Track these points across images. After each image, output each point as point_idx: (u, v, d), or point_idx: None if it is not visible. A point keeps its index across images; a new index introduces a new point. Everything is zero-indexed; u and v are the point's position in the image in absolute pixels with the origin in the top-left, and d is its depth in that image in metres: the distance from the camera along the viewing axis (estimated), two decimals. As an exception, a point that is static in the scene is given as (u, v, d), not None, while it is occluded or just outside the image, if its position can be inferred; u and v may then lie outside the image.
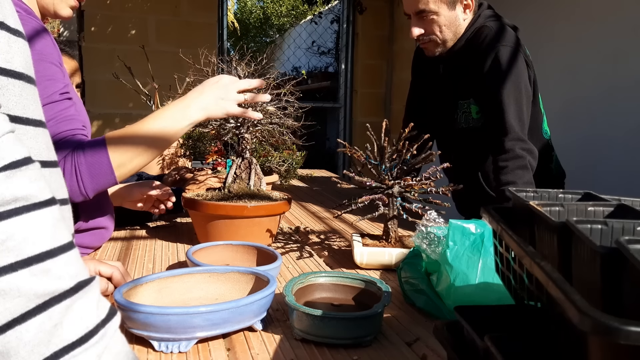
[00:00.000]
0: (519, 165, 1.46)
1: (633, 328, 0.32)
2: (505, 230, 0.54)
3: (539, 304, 0.49)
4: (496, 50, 1.52)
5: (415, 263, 0.98)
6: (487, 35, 1.56)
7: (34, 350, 0.38)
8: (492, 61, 1.52)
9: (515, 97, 1.50)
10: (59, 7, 1.11)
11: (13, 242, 0.39)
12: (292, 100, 1.35)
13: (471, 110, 1.63)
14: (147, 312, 0.71)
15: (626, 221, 0.46)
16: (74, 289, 0.42)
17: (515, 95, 1.50)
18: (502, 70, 1.51)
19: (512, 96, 1.50)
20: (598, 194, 0.58)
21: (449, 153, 1.71)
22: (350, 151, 1.17)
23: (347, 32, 4.66)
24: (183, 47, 2.23)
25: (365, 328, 0.76)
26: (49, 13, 1.12)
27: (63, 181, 0.56)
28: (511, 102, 1.50)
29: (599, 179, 2.41)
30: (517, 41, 1.55)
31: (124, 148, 1.03)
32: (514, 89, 1.50)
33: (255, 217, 1.22)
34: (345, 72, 4.72)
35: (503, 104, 1.49)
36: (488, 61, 1.52)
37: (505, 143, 1.48)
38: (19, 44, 0.47)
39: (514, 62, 1.52)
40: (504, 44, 1.52)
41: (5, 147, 0.40)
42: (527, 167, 1.47)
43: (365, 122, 1.23)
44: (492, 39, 1.54)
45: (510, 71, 1.51)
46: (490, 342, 0.50)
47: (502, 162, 1.47)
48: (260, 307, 0.78)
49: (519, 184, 1.44)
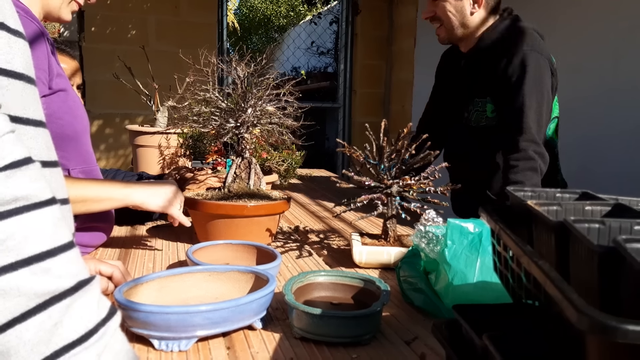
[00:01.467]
0: (529, 167, 1.47)
1: (630, 327, 0.32)
2: (503, 229, 0.54)
3: (537, 302, 0.50)
4: (523, 53, 1.53)
5: (414, 262, 0.99)
6: (514, 39, 1.58)
7: (34, 349, 0.39)
8: (519, 63, 1.53)
9: (538, 101, 1.52)
10: (63, 12, 1.14)
11: (13, 242, 0.39)
12: (291, 100, 1.35)
13: (487, 109, 1.64)
14: (147, 311, 0.71)
15: (623, 220, 0.46)
16: (74, 288, 0.42)
17: (538, 100, 1.52)
18: (528, 73, 1.52)
19: (534, 100, 1.51)
20: (595, 194, 0.58)
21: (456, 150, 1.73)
22: (349, 151, 1.17)
23: (346, 32, 4.66)
24: (183, 47, 2.23)
25: (364, 327, 0.77)
26: (52, 18, 1.14)
27: (63, 181, 0.56)
28: (532, 105, 1.51)
29: (597, 179, 2.41)
30: (544, 48, 1.57)
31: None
32: (537, 93, 1.52)
33: (254, 216, 1.23)
34: (344, 72, 4.72)
35: (524, 105, 1.51)
36: (514, 63, 1.54)
37: (520, 143, 1.49)
38: (19, 45, 0.47)
39: (540, 67, 1.54)
40: (532, 49, 1.54)
41: (5, 147, 0.40)
42: (537, 169, 1.48)
43: (364, 122, 1.23)
44: (520, 42, 1.56)
45: (536, 76, 1.53)
46: (489, 340, 0.50)
47: (514, 161, 1.49)
48: (260, 306, 0.78)
49: (527, 185, 1.45)
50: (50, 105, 1.06)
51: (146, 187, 1.14)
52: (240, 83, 1.30)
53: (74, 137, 1.13)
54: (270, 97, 1.32)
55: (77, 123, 1.14)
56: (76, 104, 1.15)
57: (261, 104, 1.30)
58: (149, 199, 1.12)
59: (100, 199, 1.07)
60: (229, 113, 1.31)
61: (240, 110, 1.29)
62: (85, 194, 1.05)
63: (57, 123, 1.08)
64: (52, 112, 1.06)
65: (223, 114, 1.31)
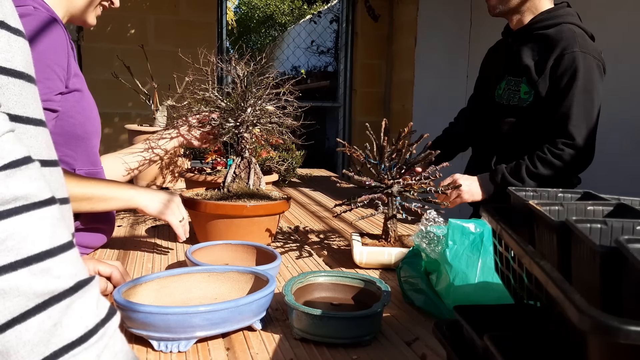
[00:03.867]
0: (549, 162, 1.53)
1: (632, 327, 0.32)
2: (504, 229, 0.54)
3: (539, 303, 0.49)
4: (575, 54, 1.53)
5: (415, 262, 0.98)
6: (567, 34, 1.57)
7: (33, 350, 0.38)
8: (569, 64, 1.53)
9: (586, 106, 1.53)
10: (89, 16, 1.19)
11: (13, 242, 0.39)
12: (291, 99, 1.35)
13: (520, 88, 1.64)
14: (146, 311, 0.71)
15: (626, 220, 0.46)
16: (74, 288, 0.42)
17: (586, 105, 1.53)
18: (579, 78, 1.52)
19: (581, 105, 1.52)
20: (597, 194, 0.58)
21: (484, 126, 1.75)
22: (350, 150, 1.17)
23: (347, 31, 4.65)
24: (182, 47, 2.22)
25: (364, 327, 0.76)
26: (77, 21, 1.18)
27: (63, 180, 0.55)
28: (580, 110, 1.52)
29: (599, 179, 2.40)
30: (596, 49, 1.57)
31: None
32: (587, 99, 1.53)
33: (254, 216, 1.22)
34: (344, 72, 4.71)
35: (571, 108, 1.52)
36: (565, 62, 1.53)
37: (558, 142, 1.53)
38: (19, 43, 0.47)
39: (591, 69, 1.54)
40: (585, 50, 1.53)
41: (5, 146, 0.40)
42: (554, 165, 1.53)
43: (365, 122, 1.23)
44: (573, 41, 1.55)
45: (586, 79, 1.52)
46: (490, 341, 0.50)
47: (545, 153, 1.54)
48: (259, 307, 0.78)
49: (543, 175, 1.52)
50: (65, 103, 1.08)
51: (150, 192, 1.16)
52: (240, 82, 1.30)
53: (84, 138, 1.15)
54: (270, 97, 1.32)
55: (88, 124, 1.15)
56: (90, 106, 1.17)
57: (261, 103, 1.30)
58: (151, 203, 1.14)
59: (106, 198, 1.08)
60: (229, 112, 1.30)
61: (239, 109, 1.29)
62: (92, 192, 1.06)
63: (69, 121, 1.10)
64: (66, 110, 1.09)
65: (222, 113, 1.31)
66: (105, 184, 1.12)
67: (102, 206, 1.09)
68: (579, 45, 1.54)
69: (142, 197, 1.13)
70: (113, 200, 1.10)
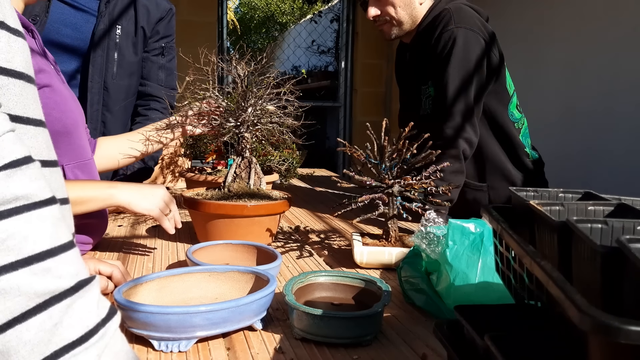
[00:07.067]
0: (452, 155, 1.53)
1: (633, 327, 0.32)
2: (505, 229, 0.54)
3: (539, 303, 0.49)
4: (450, 31, 1.53)
5: (415, 262, 0.98)
6: (444, 18, 1.57)
7: (34, 350, 0.38)
8: (445, 42, 1.54)
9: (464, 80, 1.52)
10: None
11: (13, 241, 0.39)
12: (292, 99, 1.35)
13: (430, 92, 1.64)
14: (147, 311, 0.71)
15: (626, 220, 0.46)
16: (74, 288, 0.42)
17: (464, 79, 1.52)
18: (454, 53, 1.52)
19: (459, 80, 1.52)
20: (598, 194, 0.58)
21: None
22: (350, 150, 1.17)
23: (347, 31, 4.66)
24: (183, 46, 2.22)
25: (365, 327, 0.76)
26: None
27: (63, 180, 0.56)
28: (458, 86, 1.51)
29: (599, 179, 2.41)
30: (477, 22, 1.56)
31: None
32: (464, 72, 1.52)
33: (255, 216, 1.22)
34: (345, 71, 4.72)
35: (448, 89, 1.52)
36: (442, 42, 1.54)
37: (445, 130, 1.53)
38: (19, 44, 0.47)
39: (467, 44, 1.53)
40: (459, 25, 1.53)
41: (5, 146, 0.40)
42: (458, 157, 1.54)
43: (365, 121, 1.23)
44: (448, 21, 1.55)
45: (464, 54, 1.52)
46: (490, 341, 0.50)
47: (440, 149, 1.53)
48: (260, 307, 0.78)
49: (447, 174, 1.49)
50: None
51: (133, 187, 1.11)
52: (241, 82, 1.30)
53: (65, 133, 1.11)
54: (270, 96, 1.32)
55: (65, 118, 1.11)
56: (64, 99, 1.11)
57: (261, 103, 1.30)
58: (135, 200, 1.09)
59: (82, 200, 1.04)
60: (229, 112, 1.30)
61: (240, 109, 1.29)
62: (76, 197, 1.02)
63: (46, 119, 1.05)
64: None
65: (223, 113, 1.31)
66: (80, 185, 1.07)
67: (81, 209, 1.04)
68: (454, 21, 1.54)
69: (122, 194, 1.08)
70: (90, 201, 1.05)
